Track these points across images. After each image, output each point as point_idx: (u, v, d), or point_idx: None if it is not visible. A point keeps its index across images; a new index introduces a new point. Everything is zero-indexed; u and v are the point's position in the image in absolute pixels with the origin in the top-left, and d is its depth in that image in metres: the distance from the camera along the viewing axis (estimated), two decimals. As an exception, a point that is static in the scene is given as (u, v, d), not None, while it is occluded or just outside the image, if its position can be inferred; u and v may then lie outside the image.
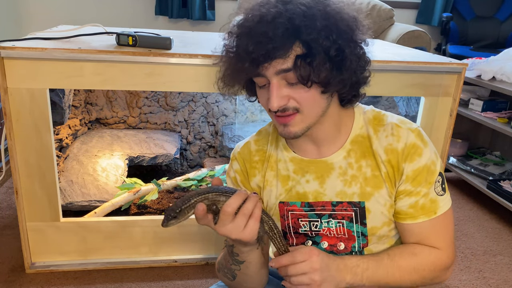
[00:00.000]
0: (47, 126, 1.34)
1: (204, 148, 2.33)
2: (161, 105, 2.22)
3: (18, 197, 1.39)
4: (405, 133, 0.82)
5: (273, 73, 0.74)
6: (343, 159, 0.84)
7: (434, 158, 0.83)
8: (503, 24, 3.64)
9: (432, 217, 0.82)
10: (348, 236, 0.87)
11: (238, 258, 0.81)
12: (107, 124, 2.22)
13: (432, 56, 1.61)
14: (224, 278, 0.90)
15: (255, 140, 0.94)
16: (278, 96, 0.74)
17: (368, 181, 0.84)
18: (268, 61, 0.72)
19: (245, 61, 0.73)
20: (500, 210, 2.12)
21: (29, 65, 1.26)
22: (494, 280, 1.62)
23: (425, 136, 0.84)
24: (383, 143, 0.83)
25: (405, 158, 0.81)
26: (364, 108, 0.89)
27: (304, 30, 0.71)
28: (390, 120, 0.85)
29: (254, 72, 0.75)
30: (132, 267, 1.54)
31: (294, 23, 0.71)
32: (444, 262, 0.84)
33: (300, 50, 0.72)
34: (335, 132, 0.85)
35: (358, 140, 0.85)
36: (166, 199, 1.83)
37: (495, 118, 2.12)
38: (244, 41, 0.73)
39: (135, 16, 3.54)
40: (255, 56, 0.72)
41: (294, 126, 0.78)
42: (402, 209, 0.83)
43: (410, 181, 0.82)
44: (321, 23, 0.71)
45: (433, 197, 0.82)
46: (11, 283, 1.44)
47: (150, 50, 1.31)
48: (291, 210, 0.89)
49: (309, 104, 0.76)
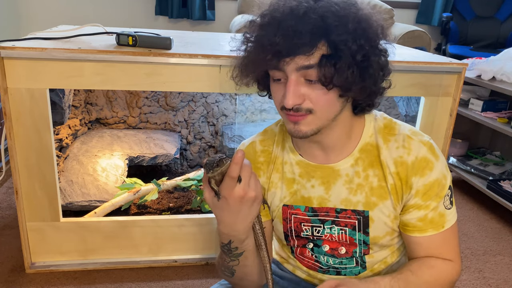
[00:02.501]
0: (47, 126, 1.34)
1: (204, 148, 2.33)
2: (161, 105, 2.22)
3: (18, 197, 1.39)
4: (417, 146, 0.81)
5: (294, 68, 0.72)
6: (350, 167, 0.83)
7: (445, 172, 0.82)
8: (503, 24, 3.65)
9: (440, 231, 0.82)
10: (350, 243, 0.86)
11: (237, 251, 0.80)
12: (107, 124, 2.22)
13: (432, 56, 1.61)
14: (224, 276, 0.89)
15: (261, 140, 0.92)
16: (295, 93, 0.73)
17: (373, 191, 0.83)
18: (291, 55, 0.71)
19: (268, 52, 0.72)
20: (500, 210, 2.12)
21: (29, 65, 1.26)
22: (494, 280, 1.62)
23: (436, 149, 0.82)
24: (393, 154, 0.81)
25: (415, 172, 0.80)
26: (375, 114, 0.87)
27: (334, 30, 0.69)
28: (402, 131, 0.83)
29: (274, 64, 0.73)
30: (132, 267, 1.54)
31: (326, 21, 0.69)
32: (457, 272, 0.85)
33: (325, 49, 0.71)
34: (345, 139, 0.83)
35: (367, 148, 0.84)
36: (166, 199, 1.83)
37: (495, 118, 2.12)
38: (270, 32, 0.71)
39: (135, 16, 3.54)
40: (280, 48, 0.70)
41: (305, 126, 0.76)
42: (411, 222, 0.82)
43: (421, 196, 0.81)
44: (352, 26, 0.70)
45: (442, 210, 0.81)
46: (11, 283, 1.44)
47: (150, 50, 1.31)
48: (294, 214, 0.88)
49: (324, 106, 0.75)
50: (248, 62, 0.78)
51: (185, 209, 1.79)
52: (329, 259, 0.89)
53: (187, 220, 1.55)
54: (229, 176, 0.68)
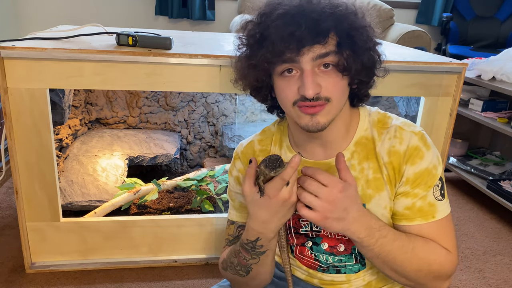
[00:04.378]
0: (47, 126, 1.34)
1: (204, 148, 2.33)
2: (161, 105, 2.22)
3: (18, 197, 1.39)
4: (408, 136, 0.82)
5: (310, 58, 0.74)
6: (346, 161, 0.84)
7: (436, 162, 0.82)
8: (503, 24, 3.65)
9: (430, 221, 0.81)
10: (349, 239, 0.86)
11: (261, 249, 0.81)
12: (107, 124, 2.22)
13: (432, 56, 1.61)
14: (233, 276, 0.89)
15: (259, 140, 0.93)
16: (314, 82, 0.74)
17: (369, 183, 0.83)
18: (309, 45, 0.72)
19: (286, 43, 0.72)
20: (500, 210, 2.12)
21: (29, 65, 1.26)
22: (494, 280, 1.62)
23: (428, 139, 0.83)
24: (386, 145, 0.83)
25: (406, 160, 0.81)
26: (369, 110, 0.89)
27: (348, 21, 0.74)
28: (395, 123, 0.85)
29: (289, 56, 0.74)
30: (132, 267, 1.54)
31: (336, 11, 0.73)
32: (452, 262, 0.82)
33: (335, 38, 0.75)
34: (343, 132, 0.85)
35: (362, 142, 0.85)
36: (166, 199, 1.83)
37: (495, 118, 2.12)
38: (287, 23, 0.72)
39: (135, 16, 3.54)
40: (299, 38, 0.71)
41: (323, 116, 0.77)
42: (398, 210, 0.83)
43: (410, 184, 0.81)
44: (360, 16, 0.77)
45: (431, 201, 0.81)
46: (11, 283, 1.44)
47: (150, 50, 1.31)
48: None
49: (339, 94, 0.77)
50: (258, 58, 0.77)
51: (185, 209, 1.79)
52: (328, 257, 0.89)
53: (187, 220, 1.55)
54: (281, 178, 0.71)
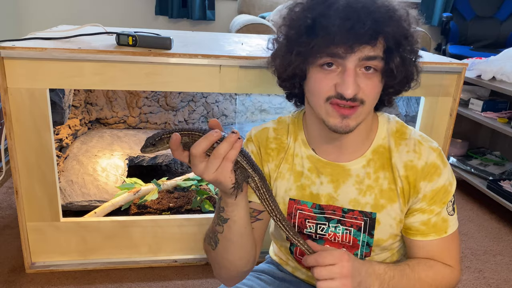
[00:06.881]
0: (47, 126, 1.34)
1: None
2: (161, 105, 2.22)
3: (18, 197, 1.39)
4: (427, 152, 0.82)
5: (357, 58, 0.71)
6: (362, 168, 0.84)
7: (452, 179, 0.83)
8: (503, 24, 3.65)
9: (442, 236, 0.83)
10: (352, 244, 0.86)
11: (223, 214, 0.77)
12: (107, 124, 2.22)
13: (432, 56, 1.61)
14: (208, 247, 0.87)
15: (274, 128, 0.90)
16: (355, 83, 0.72)
17: (383, 194, 0.83)
18: (365, 43, 0.70)
19: (343, 37, 0.69)
20: (500, 210, 2.12)
21: (29, 65, 1.26)
22: (494, 280, 1.62)
23: (444, 156, 0.84)
24: (403, 158, 0.82)
25: (424, 176, 0.81)
26: (388, 117, 0.88)
27: (403, 29, 0.73)
28: (413, 135, 0.84)
29: (336, 51, 0.71)
30: (132, 267, 1.54)
31: (387, 15, 0.71)
32: (456, 278, 0.85)
33: (383, 42, 0.73)
34: (364, 137, 0.84)
35: (379, 150, 0.84)
36: (166, 199, 1.83)
37: (495, 118, 2.12)
38: (349, 15, 0.69)
39: (135, 16, 3.54)
40: (352, 36, 0.69)
41: (353, 120, 0.75)
42: (414, 225, 0.83)
43: (427, 200, 0.82)
44: (407, 23, 0.75)
45: (445, 216, 0.83)
46: (11, 283, 1.44)
47: (150, 50, 1.31)
48: (300, 209, 0.87)
49: (374, 98, 0.76)
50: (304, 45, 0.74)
51: (185, 209, 1.79)
52: None
53: (187, 220, 1.55)
54: (207, 139, 0.65)
